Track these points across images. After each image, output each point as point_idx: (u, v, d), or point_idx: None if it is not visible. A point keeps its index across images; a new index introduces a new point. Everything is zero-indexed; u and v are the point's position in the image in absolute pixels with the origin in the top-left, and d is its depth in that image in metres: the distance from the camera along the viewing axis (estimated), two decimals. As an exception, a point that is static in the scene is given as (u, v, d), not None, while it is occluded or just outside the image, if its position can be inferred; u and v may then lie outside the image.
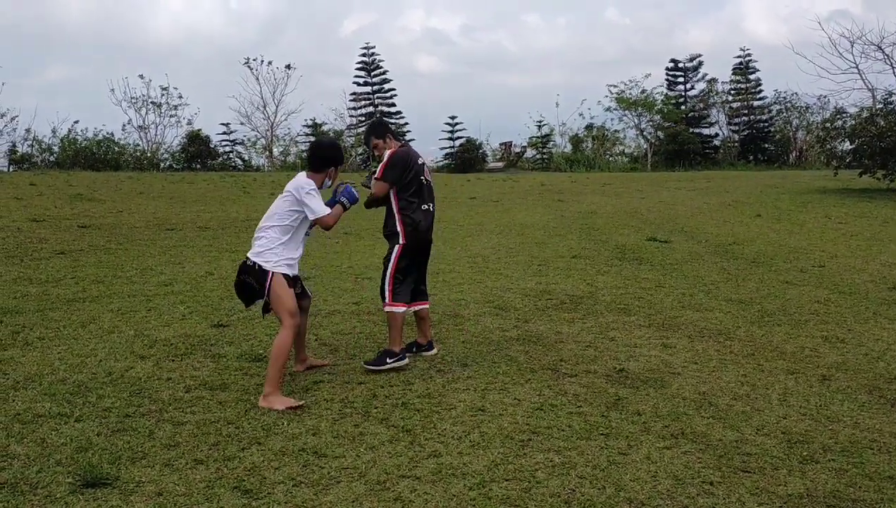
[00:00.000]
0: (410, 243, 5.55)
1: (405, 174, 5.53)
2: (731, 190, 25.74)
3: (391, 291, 5.54)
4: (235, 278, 4.98)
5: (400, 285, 5.56)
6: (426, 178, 5.69)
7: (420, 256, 5.70)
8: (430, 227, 5.72)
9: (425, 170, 5.73)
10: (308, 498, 3.42)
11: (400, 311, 5.54)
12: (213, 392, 4.84)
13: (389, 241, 5.64)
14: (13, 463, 3.71)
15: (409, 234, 5.55)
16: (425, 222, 5.62)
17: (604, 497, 3.46)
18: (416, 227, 5.55)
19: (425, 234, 5.65)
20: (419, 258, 5.70)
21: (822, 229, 15.35)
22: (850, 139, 26.24)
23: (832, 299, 8.24)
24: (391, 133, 5.73)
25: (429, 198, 5.68)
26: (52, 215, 15.23)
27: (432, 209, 5.72)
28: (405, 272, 5.58)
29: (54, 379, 5.03)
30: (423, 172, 5.68)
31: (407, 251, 5.56)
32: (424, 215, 5.61)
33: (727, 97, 56.23)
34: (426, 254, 5.80)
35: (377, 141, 5.68)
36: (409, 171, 5.55)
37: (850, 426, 4.43)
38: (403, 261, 5.56)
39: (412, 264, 5.62)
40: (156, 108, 47.24)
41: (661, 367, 5.55)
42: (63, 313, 6.98)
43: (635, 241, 13.24)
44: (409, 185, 5.55)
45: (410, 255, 5.58)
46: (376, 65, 56.52)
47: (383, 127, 5.77)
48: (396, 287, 5.54)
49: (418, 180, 5.58)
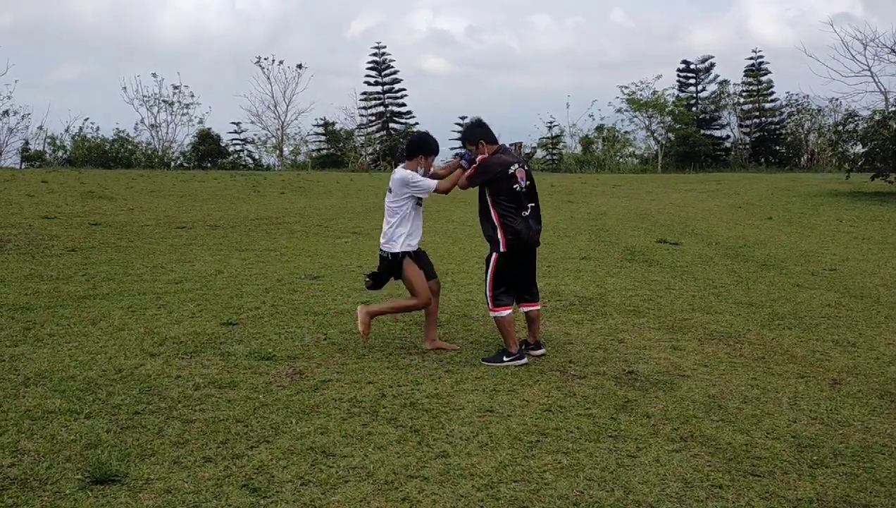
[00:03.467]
0: (510, 252, 5.61)
1: (494, 180, 5.57)
2: (741, 192, 25.64)
3: (491, 297, 5.68)
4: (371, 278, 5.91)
5: (500, 290, 5.65)
6: (521, 184, 5.62)
7: (521, 261, 5.73)
8: (532, 230, 5.68)
9: (518, 176, 5.62)
10: (316, 497, 3.42)
11: (503, 315, 5.64)
12: (221, 390, 4.85)
13: (490, 245, 5.70)
14: (23, 459, 3.73)
15: (509, 243, 5.59)
16: (526, 229, 5.62)
17: (612, 500, 3.44)
18: (518, 235, 5.59)
19: (527, 240, 5.66)
20: (520, 263, 5.73)
21: (833, 233, 15.27)
22: (863, 142, 26.13)
23: (843, 302, 8.19)
24: (485, 139, 5.74)
25: (527, 202, 5.65)
26: (63, 212, 15.32)
27: (530, 214, 5.67)
28: (504, 277, 5.66)
29: (64, 376, 5.05)
30: (517, 180, 5.60)
31: (505, 258, 5.62)
32: (524, 222, 5.61)
33: (738, 99, 56.01)
34: (531, 257, 5.81)
35: (471, 146, 5.78)
36: (498, 179, 5.56)
37: (861, 430, 4.40)
38: (502, 267, 5.63)
39: (512, 270, 5.68)
40: (168, 106, 47.44)
41: (671, 369, 5.53)
42: (73, 310, 7.01)
43: (645, 243, 13.21)
44: (501, 192, 5.57)
45: (509, 261, 5.63)
46: (387, 65, 56.62)
47: (476, 132, 5.80)
48: (496, 292, 5.66)
49: (510, 189, 5.57)
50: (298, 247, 12.25)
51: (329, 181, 30.17)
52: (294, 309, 7.31)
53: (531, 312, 5.86)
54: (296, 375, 5.20)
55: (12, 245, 10.92)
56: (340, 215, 17.81)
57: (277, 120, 52.46)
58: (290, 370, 5.31)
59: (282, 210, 18.50)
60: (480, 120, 5.92)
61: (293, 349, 5.87)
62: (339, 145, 52.42)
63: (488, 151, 5.70)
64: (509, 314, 5.66)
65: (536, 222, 5.75)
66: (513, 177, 5.58)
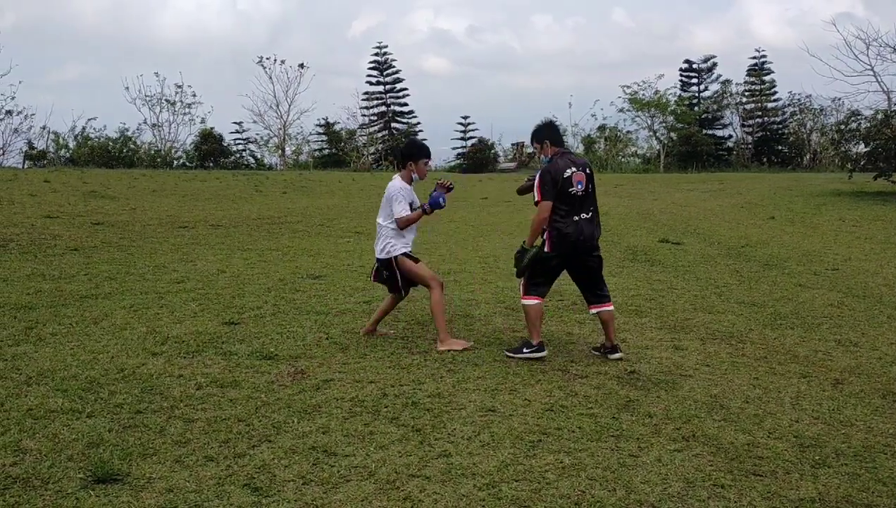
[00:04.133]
0: (555, 252, 5.67)
1: (555, 189, 5.61)
2: (744, 192, 25.62)
3: (525, 284, 5.82)
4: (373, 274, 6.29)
5: (534, 280, 5.75)
6: (576, 189, 5.64)
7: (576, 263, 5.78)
8: (585, 234, 5.67)
9: (576, 179, 5.65)
10: (318, 497, 3.42)
11: (530, 303, 5.74)
12: (223, 390, 4.86)
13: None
14: (25, 458, 3.74)
15: (554, 243, 5.66)
16: (576, 232, 5.64)
17: (614, 499, 3.44)
18: (563, 238, 5.63)
19: (576, 244, 5.67)
20: (576, 265, 5.79)
21: (835, 232, 15.25)
22: (865, 142, 26.09)
23: (846, 302, 8.18)
24: (550, 139, 5.81)
25: (581, 208, 5.67)
26: (65, 211, 15.33)
27: (586, 217, 5.69)
28: (543, 271, 5.74)
29: (66, 375, 5.06)
30: (573, 183, 5.63)
31: (549, 256, 5.68)
32: (576, 225, 5.63)
33: (741, 99, 55.93)
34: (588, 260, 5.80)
35: (536, 145, 5.89)
36: (557, 184, 5.61)
37: (864, 430, 4.39)
38: (543, 261, 5.69)
39: (558, 267, 5.77)
40: (170, 106, 47.43)
41: (673, 369, 5.53)
42: (76, 310, 7.02)
43: (647, 242, 13.20)
44: (556, 195, 5.62)
45: (554, 259, 5.69)
46: (389, 64, 56.59)
47: (542, 132, 5.87)
48: (531, 282, 5.77)
49: (565, 192, 5.61)
50: (300, 247, 12.26)
51: (331, 181, 30.19)
52: (296, 309, 7.32)
53: (602, 313, 5.86)
54: (297, 374, 5.20)
55: (15, 245, 10.94)
56: (342, 215, 17.82)
57: (279, 120, 52.48)
58: (291, 369, 5.32)
59: (284, 210, 18.52)
60: (552, 122, 6.06)
61: (295, 348, 5.88)
62: (341, 145, 52.44)
63: (551, 152, 5.77)
64: (536, 305, 5.75)
65: (592, 226, 5.74)
66: (568, 180, 5.63)
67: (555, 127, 6.00)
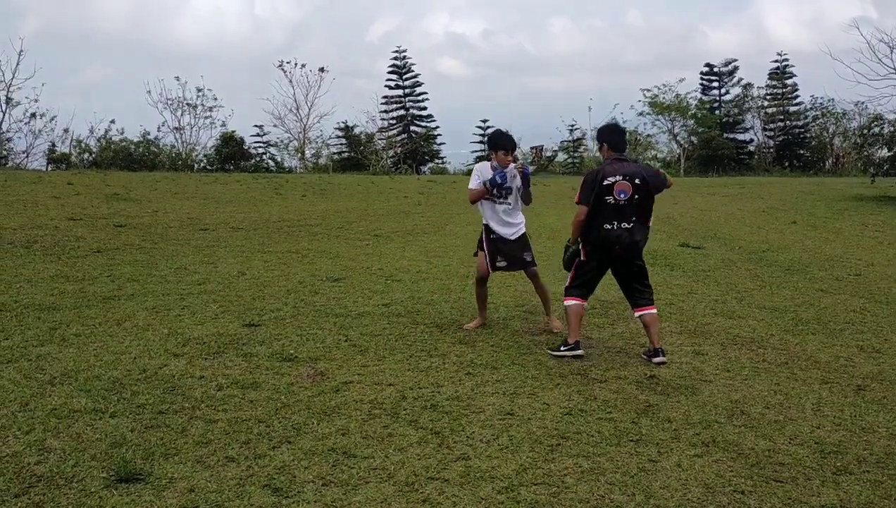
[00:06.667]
0: (588, 258, 5.85)
1: (592, 193, 5.69)
2: (765, 196, 25.40)
3: (566, 287, 6.05)
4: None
5: (575, 283, 5.96)
6: (616, 198, 5.65)
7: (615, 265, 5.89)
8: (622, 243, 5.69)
9: (617, 189, 5.65)
10: (337, 498, 3.44)
11: (569, 304, 5.93)
12: (244, 391, 4.89)
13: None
14: (49, 457, 3.78)
15: (588, 251, 5.85)
16: (602, 239, 5.71)
17: (633, 505, 3.43)
18: (593, 244, 5.78)
19: (608, 249, 5.75)
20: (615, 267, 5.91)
21: (858, 237, 15.09)
22: (888, 146, 25.77)
23: (868, 308, 8.10)
24: (608, 142, 5.89)
25: (621, 217, 5.67)
26: (88, 214, 15.49)
27: (626, 227, 5.68)
28: (583, 276, 5.93)
29: (90, 375, 5.11)
30: (612, 192, 5.65)
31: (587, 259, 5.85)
32: (607, 233, 5.68)
33: (762, 102, 55.46)
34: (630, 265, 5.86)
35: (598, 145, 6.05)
36: (594, 189, 5.68)
37: (886, 437, 4.35)
38: (581, 266, 5.93)
39: (598, 270, 5.94)
40: (191, 109, 47.74)
41: (693, 374, 5.50)
42: (99, 311, 7.09)
43: (668, 246, 13.13)
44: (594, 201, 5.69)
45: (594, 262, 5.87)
46: (408, 68, 56.66)
47: (603, 135, 6.01)
48: (571, 285, 5.99)
49: (601, 200, 5.66)
50: (320, 249, 12.31)
51: (350, 184, 30.26)
52: (315, 311, 7.35)
53: (644, 316, 5.88)
54: (317, 376, 5.23)
55: (39, 246, 11.07)
56: (361, 218, 17.87)
57: (299, 123, 52.65)
58: (311, 371, 5.35)
59: (303, 212, 18.59)
60: (617, 126, 6.22)
61: (314, 350, 5.91)
62: (360, 149, 52.57)
63: (607, 155, 5.85)
64: (576, 305, 5.89)
65: (632, 236, 5.71)
66: (608, 188, 5.65)
67: (615, 130, 6.09)
